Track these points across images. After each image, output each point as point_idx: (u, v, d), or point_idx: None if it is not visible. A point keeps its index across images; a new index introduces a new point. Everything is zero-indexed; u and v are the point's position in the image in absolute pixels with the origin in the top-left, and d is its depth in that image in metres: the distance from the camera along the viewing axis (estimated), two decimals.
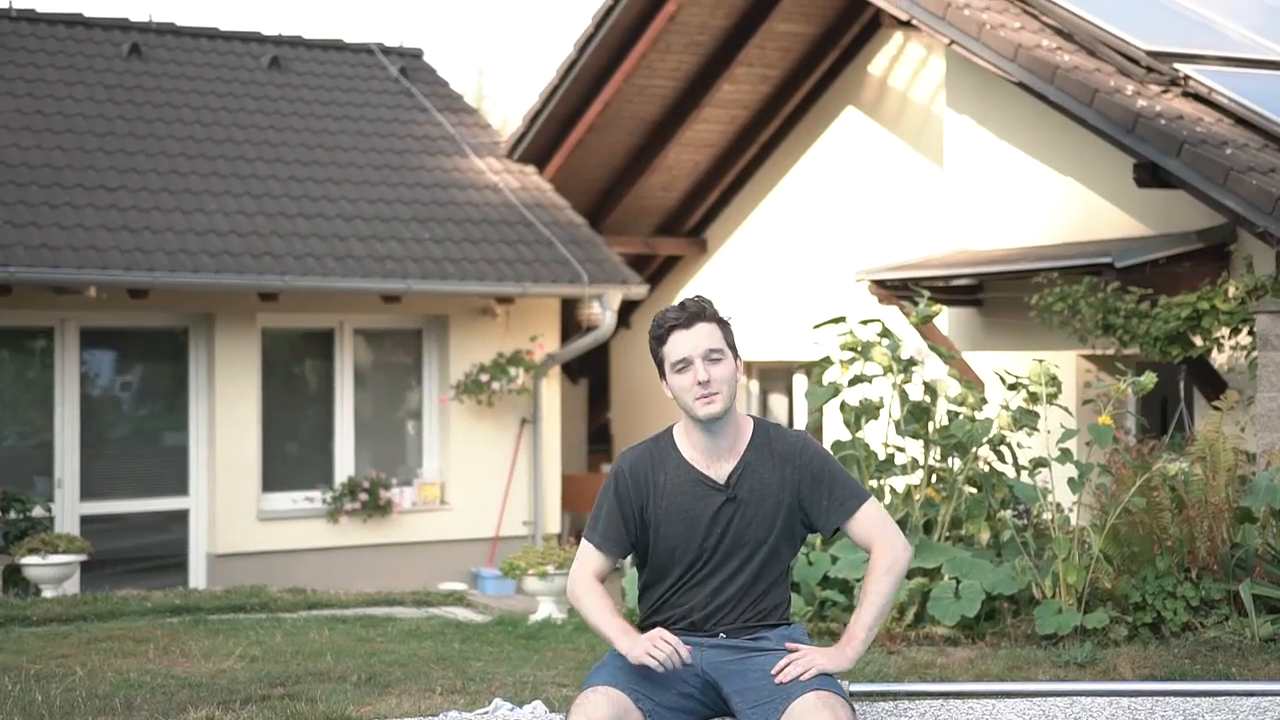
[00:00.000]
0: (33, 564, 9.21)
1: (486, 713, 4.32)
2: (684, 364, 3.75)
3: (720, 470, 3.83)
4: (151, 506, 11.74)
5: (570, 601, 3.94)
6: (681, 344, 3.76)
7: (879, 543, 3.81)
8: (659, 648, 3.58)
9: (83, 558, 9.44)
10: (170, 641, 6.07)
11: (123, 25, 13.80)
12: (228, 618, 7.13)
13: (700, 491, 3.82)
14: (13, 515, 10.34)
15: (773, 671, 3.66)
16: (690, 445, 3.86)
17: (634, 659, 3.61)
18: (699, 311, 3.79)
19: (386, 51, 14.93)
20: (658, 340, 3.81)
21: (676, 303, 3.84)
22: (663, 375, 3.82)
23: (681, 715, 3.73)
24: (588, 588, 3.83)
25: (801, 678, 3.62)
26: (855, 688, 4.35)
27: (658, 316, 3.82)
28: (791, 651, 3.72)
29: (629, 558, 3.97)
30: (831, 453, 6.35)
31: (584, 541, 3.92)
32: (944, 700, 4.36)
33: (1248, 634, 5.28)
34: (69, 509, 11.28)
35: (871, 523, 3.83)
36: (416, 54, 15.24)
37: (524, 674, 5.23)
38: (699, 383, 3.73)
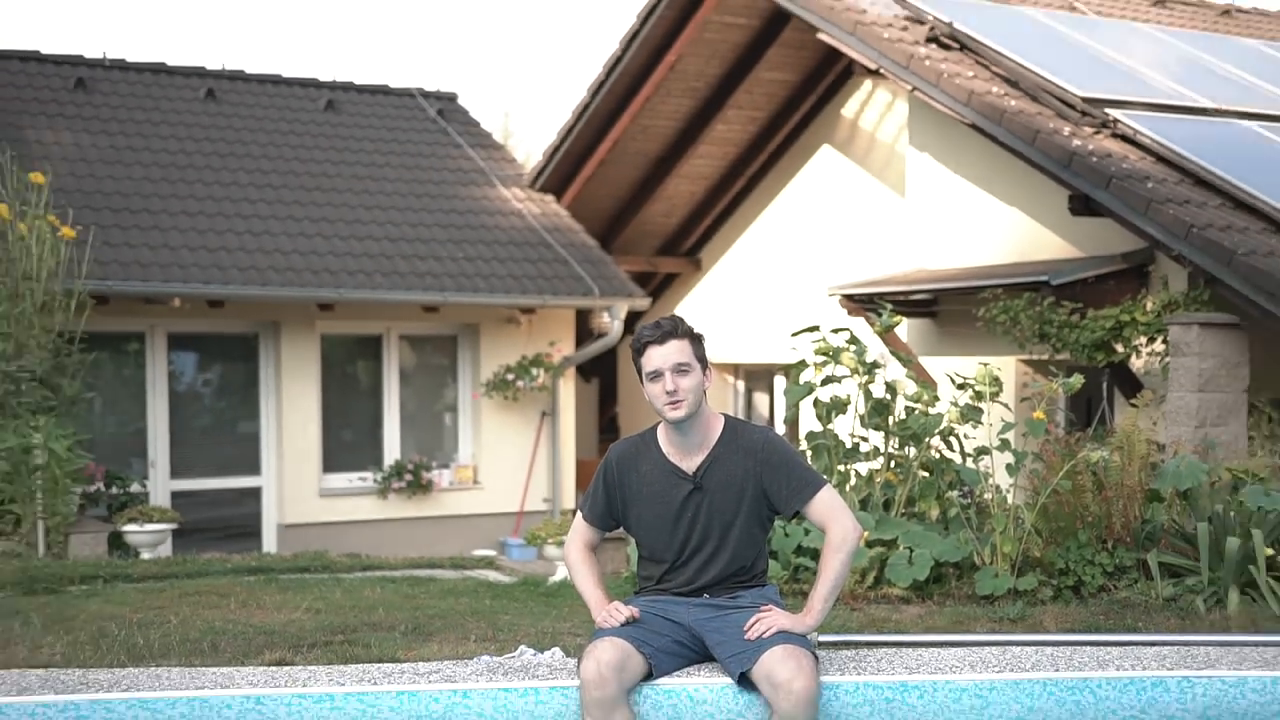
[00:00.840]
0: (132, 531, 9.31)
1: (514, 657, 4.31)
2: (656, 375, 3.82)
3: (691, 463, 3.90)
4: (230, 484, 11.78)
5: (564, 562, 4.09)
6: (654, 358, 3.82)
7: (832, 524, 3.82)
8: (612, 616, 3.79)
9: (174, 526, 9.51)
10: (248, 596, 6.01)
11: (200, 72, 13.84)
12: (295, 577, 7.03)
13: (672, 481, 3.90)
14: (115, 491, 10.47)
15: (744, 628, 3.77)
16: (667, 441, 3.93)
17: (597, 623, 3.83)
18: (671, 330, 3.84)
19: (426, 95, 14.93)
20: (636, 352, 3.87)
21: (653, 321, 3.90)
22: (642, 381, 3.91)
23: (677, 659, 3.84)
24: (579, 557, 4.01)
25: (764, 635, 3.71)
26: (823, 638, 4.34)
27: (637, 331, 3.88)
28: (764, 611, 3.83)
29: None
30: (804, 443, 6.41)
31: (578, 515, 4.06)
32: (898, 649, 4.34)
33: (1153, 595, 5.33)
34: (161, 486, 11.33)
35: (826, 507, 3.85)
36: (452, 97, 15.23)
37: (545, 625, 5.20)
38: (667, 392, 3.81)
